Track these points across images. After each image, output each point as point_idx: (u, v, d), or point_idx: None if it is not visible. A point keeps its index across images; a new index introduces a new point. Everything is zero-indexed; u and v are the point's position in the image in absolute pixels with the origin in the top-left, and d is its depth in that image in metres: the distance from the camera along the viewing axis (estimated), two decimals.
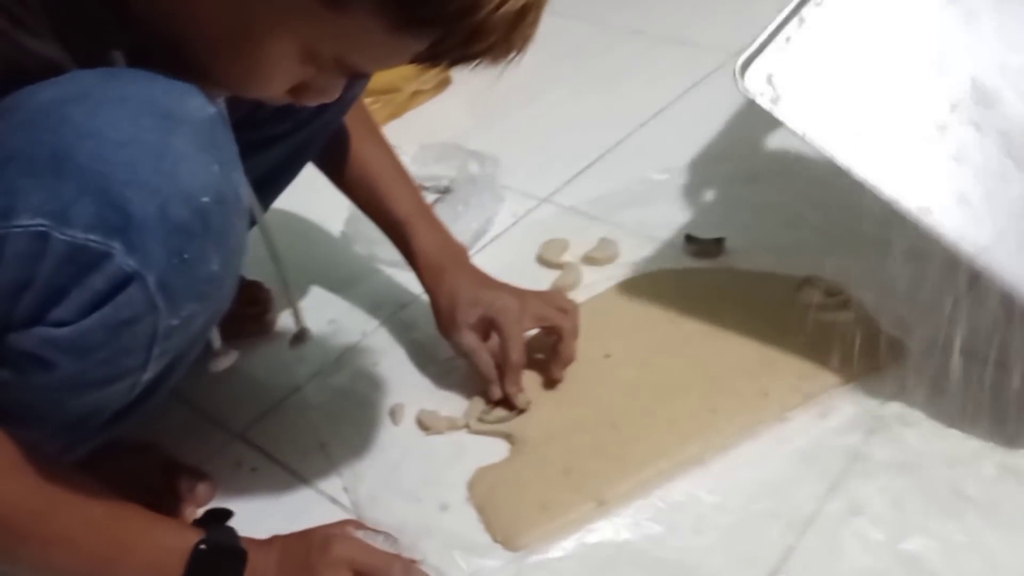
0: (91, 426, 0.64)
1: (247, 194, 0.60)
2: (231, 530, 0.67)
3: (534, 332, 0.86)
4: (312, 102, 0.62)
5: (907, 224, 0.99)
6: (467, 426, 0.84)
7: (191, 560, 0.62)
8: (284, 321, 0.98)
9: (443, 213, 1.06)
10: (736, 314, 0.90)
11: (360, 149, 0.90)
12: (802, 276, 0.95)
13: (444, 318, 0.86)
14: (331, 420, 0.86)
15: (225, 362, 0.72)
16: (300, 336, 0.83)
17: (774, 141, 1.18)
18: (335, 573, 0.65)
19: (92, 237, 0.50)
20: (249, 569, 0.64)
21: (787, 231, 1.03)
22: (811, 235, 1.01)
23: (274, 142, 0.84)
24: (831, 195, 1.06)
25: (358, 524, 0.71)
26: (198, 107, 0.54)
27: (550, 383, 0.85)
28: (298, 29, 0.55)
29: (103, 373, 0.57)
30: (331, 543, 0.67)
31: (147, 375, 0.60)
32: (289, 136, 0.85)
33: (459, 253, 0.89)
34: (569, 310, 0.86)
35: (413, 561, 0.70)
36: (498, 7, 0.53)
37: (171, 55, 0.56)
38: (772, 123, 1.21)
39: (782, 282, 0.94)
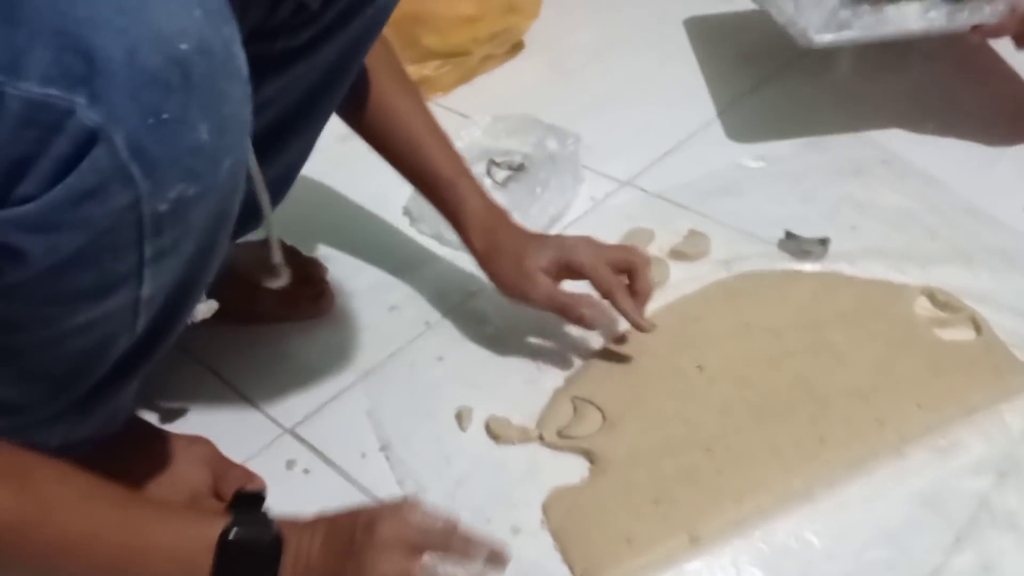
0: (93, 378, 0.57)
1: (243, 57, 0.50)
2: (262, 515, 0.58)
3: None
4: None
5: None
6: (541, 437, 0.76)
7: (220, 550, 0.53)
8: (344, 303, 0.90)
9: (517, 193, 0.98)
10: (845, 327, 0.81)
11: (392, 99, 0.82)
12: (919, 286, 0.85)
13: (510, 272, 0.79)
14: (392, 420, 0.79)
15: (203, 311, 0.63)
16: (273, 272, 0.75)
17: (880, 129, 1.07)
18: (383, 556, 0.56)
19: (51, 91, 0.43)
20: (289, 556, 0.55)
21: (899, 233, 0.93)
22: (927, 240, 0.92)
23: (295, 59, 0.72)
24: (948, 195, 0.97)
25: (415, 504, 0.60)
26: None
27: (637, 330, 0.78)
28: None
29: (90, 278, 0.50)
30: (377, 523, 0.56)
31: (145, 289, 0.53)
32: (313, 51, 0.72)
33: (504, 214, 0.83)
34: (637, 255, 0.80)
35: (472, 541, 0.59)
36: None
37: None
38: (878, 109, 1.12)
39: (896, 292, 0.85)
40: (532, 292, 0.78)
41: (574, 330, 0.84)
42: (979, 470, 0.70)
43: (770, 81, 1.19)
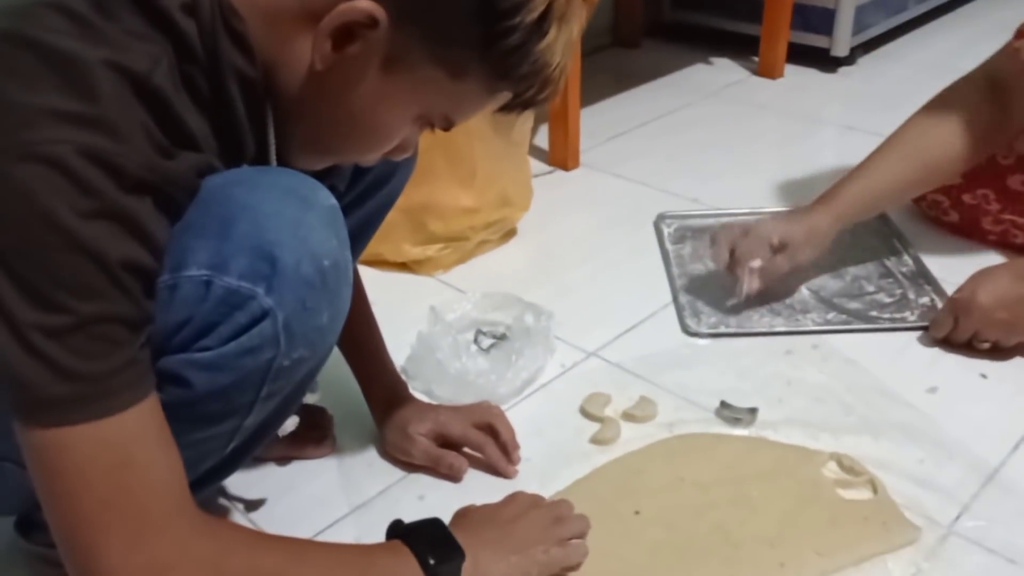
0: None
1: (351, 267, 0.73)
2: (439, 541, 0.78)
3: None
4: (399, 157, 0.76)
5: (930, 415, 1.05)
6: None
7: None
8: (342, 445, 1.06)
9: (498, 358, 1.15)
10: (762, 484, 0.96)
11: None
12: (829, 452, 1.00)
13: (397, 436, 1.00)
14: None
15: (288, 427, 0.85)
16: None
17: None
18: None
19: (243, 283, 0.64)
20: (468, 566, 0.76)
21: (817, 406, 1.08)
22: (842, 413, 1.07)
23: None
24: (865, 376, 1.13)
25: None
26: (325, 197, 0.69)
27: (504, 477, 0.99)
28: (424, 99, 0.69)
29: (218, 407, 0.69)
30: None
31: (249, 420, 0.72)
32: (352, 210, 0.92)
33: (403, 391, 1.05)
34: (495, 411, 1.03)
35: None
36: (560, 62, 0.68)
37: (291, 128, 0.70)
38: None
39: (809, 456, 1.00)
40: (412, 450, 1.00)
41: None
42: None
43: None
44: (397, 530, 0.79)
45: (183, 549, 0.60)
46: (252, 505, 0.98)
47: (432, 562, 0.74)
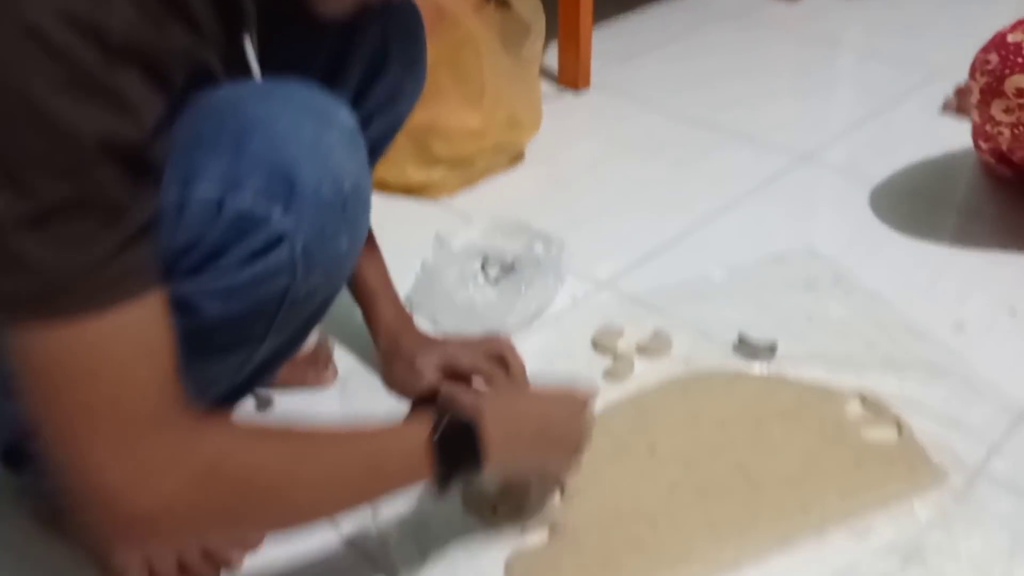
0: None
1: (371, 193, 0.70)
2: (454, 412, 0.69)
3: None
4: None
5: (957, 352, 1.01)
6: (495, 510, 0.84)
7: (437, 452, 0.66)
8: (343, 376, 1.02)
9: (506, 289, 1.10)
10: (782, 423, 0.92)
11: None
12: (852, 390, 0.96)
13: (403, 370, 0.96)
14: None
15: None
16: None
17: (833, 248, 1.20)
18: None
19: (258, 204, 0.60)
20: (487, 436, 0.69)
21: (840, 342, 1.04)
22: (864, 350, 1.03)
23: None
24: (889, 310, 1.09)
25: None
26: (345, 116, 0.65)
27: None
28: None
29: (229, 336, 0.65)
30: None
31: (261, 351, 0.68)
32: None
33: (409, 322, 1.00)
34: (505, 342, 0.96)
35: None
36: None
37: None
38: (831, 230, 1.25)
39: (831, 395, 0.96)
40: (419, 384, 0.95)
41: None
42: (889, 554, 0.80)
43: (739, 201, 1.33)
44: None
45: (175, 453, 0.55)
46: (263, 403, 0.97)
47: (446, 475, 0.68)
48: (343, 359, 1.04)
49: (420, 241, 1.18)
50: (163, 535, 0.58)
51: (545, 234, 1.18)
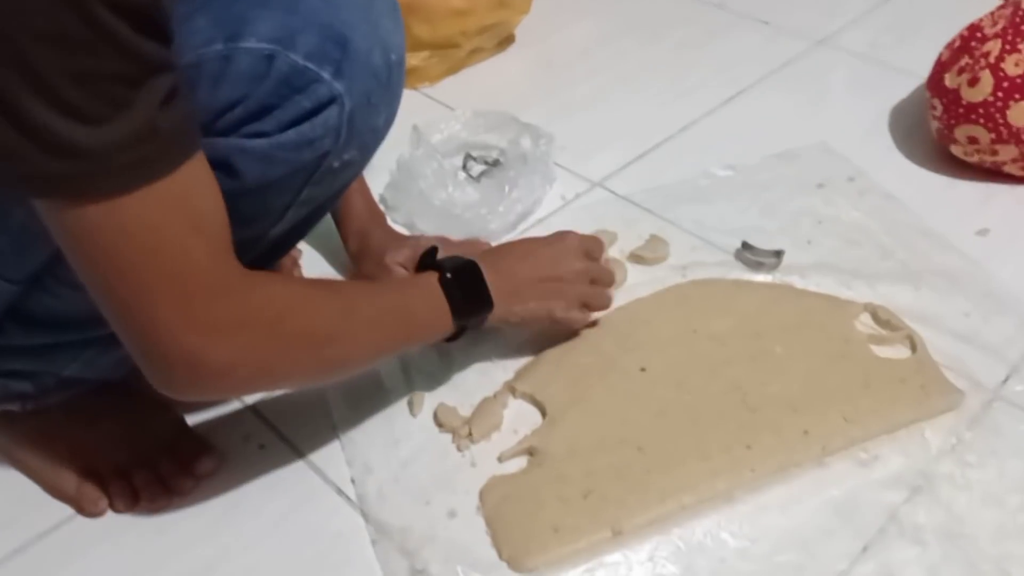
0: None
1: None
2: (454, 258, 0.75)
3: None
4: None
5: (979, 262, 0.92)
6: (471, 434, 0.79)
7: (445, 290, 0.72)
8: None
9: (489, 188, 1.01)
10: (786, 338, 0.85)
11: None
12: (863, 303, 0.88)
13: (372, 266, 0.90)
14: (347, 403, 0.83)
15: None
16: None
17: (847, 144, 1.10)
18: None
19: (309, 64, 0.58)
20: (488, 270, 0.74)
21: (852, 249, 0.96)
22: (878, 258, 0.94)
23: None
24: (906, 214, 1.00)
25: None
26: None
27: None
28: None
29: (251, 207, 0.62)
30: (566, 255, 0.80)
31: (278, 227, 0.67)
32: None
33: (380, 219, 0.96)
34: (484, 246, 0.93)
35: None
36: None
37: None
38: (846, 124, 1.14)
39: (840, 307, 0.88)
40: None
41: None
42: (894, 484, 0.74)
43: (747, 91, 1.22)
44: (432, 265, 0.75)
45: (244, 311, 0.57)
46: None
47: (463, 309, 0.73)
48: (312, 265, 0.96)
49: (396, 134, 1.03)
50: (242, 385, 0.66)
51: (533, 127, 1.07)
